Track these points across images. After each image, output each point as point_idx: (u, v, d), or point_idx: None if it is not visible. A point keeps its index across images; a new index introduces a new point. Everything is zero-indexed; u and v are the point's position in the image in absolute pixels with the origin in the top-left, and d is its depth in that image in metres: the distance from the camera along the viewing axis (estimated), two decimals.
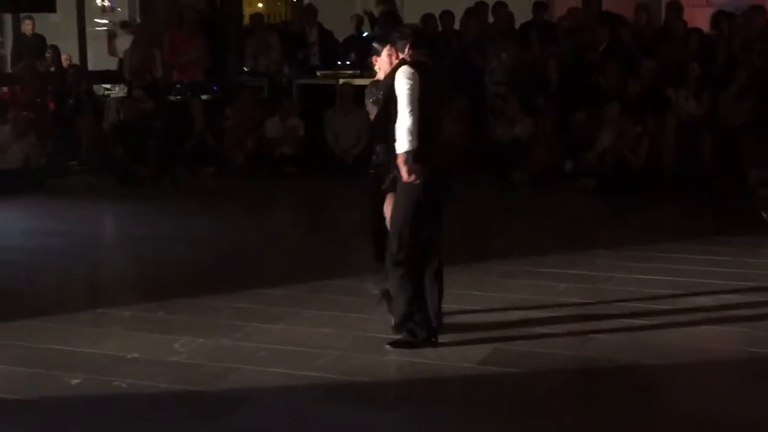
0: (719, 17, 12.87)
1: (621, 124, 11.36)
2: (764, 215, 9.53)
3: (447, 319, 6.60)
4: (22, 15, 15.40)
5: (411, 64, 5.99)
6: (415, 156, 5.90)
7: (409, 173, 5.90)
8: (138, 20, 16.09)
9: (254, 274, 8.24)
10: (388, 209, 6.29)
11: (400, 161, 5.91)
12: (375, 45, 6.78)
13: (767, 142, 10.86)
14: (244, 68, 14.77)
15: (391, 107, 5.99)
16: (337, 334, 6.56)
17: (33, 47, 15.01)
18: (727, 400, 5.46)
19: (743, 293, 7.34)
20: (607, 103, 11.63)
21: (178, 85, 14.19)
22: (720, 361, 6.19)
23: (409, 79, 5.91)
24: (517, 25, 14.07)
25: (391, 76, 6.06)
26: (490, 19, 14.21)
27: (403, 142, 5.88)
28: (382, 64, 6.48)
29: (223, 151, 13.33)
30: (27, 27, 15.37)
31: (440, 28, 13.83)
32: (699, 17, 13.98)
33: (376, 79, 6.87)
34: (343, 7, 16.10)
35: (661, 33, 13.23)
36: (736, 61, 12.17)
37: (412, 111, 5.88)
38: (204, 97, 13.95)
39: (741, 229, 9.37)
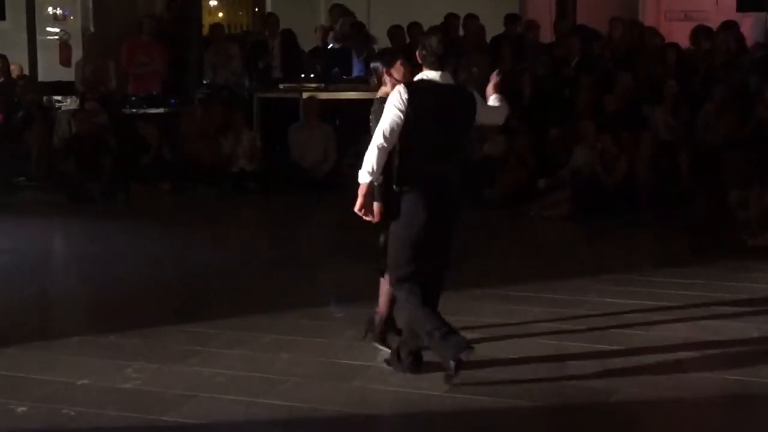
0: (698, 32, 12.99)
1: (599, 142, 11.42)
2: (744, 238, 9.61)
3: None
4: None
5: (409, 86, 5.78)
6: (375, 190, 5.81)
7: (360, 208, 5.84)
8: (92, 29, 16.01)
9: (212, 296, 8.22)
10: None
11: (360, 191, 5.83)
12: (375, 64, 6.77)
13: (747, 162, 10.93)
14: (203, 81, 14.74)
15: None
16: (299, 360, 6.51)
17: None
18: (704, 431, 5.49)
19: (721, 319, 7.38)
20: (581, 119, 11.70)
21: (134, 98, 14.14)
22: (697, 389, 6.21)
23: (395, 105, 5.70)
24: (488, 39, 14.17)
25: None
26: (461, 32, 14.29)
27: (362, 173, 5.78)
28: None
29: (179, 167, 13.27)
30: None
31: (408, 41, 13.86)
32: (676, 32, 14.09)
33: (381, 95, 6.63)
34: (308, 18, 16.09)
35: (637, 47, 13.34)
36: (716, 77, 12.29)
37: (381, 141, 5.71)
38: (161, 110, 13.90)
39: (719, 253, 9.43)
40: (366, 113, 7.85)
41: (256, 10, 21.37)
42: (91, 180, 12.63)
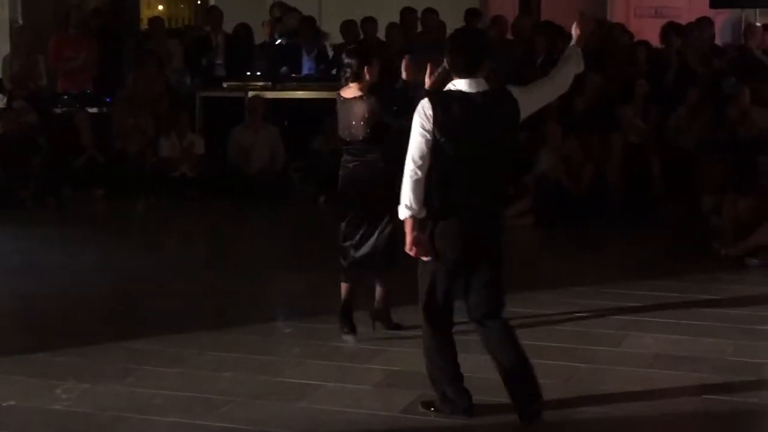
0: (669, 29, 13.09)
1: (564, 148, 11.47)
2: (716, 246, 9.69)
3: (372, 364, 6.62)
4: None
5: (432, 99, 5.38)
6: (420, 224, 5.34)
7: (411, 246, 5.39)
8: (20, 21, 15.90)
9: (149, 310, 8.15)
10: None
11: (405, 229, 5.40)
12: (351, 60, 7.15)
13: (721, 167, 11.02)
14: None
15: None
16: (243, 378, 6.49)
17: None
18: None
19: (692, 334, 7.43)
20: (548, 121, 11.72)
21: (65, 96, 14.02)
22: (667, 408, 6.24)
23: (420, 124, 5.30)
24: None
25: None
26: (419, 28, 14.31)
27: (401, 208, 5.34)
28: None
29: (114, 171, 13.17)
30: None
31: (362, 36, 13.85)
32: (647, 29, 14.21)
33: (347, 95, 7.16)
34: (253, 12, 16.03)
35: (606, 46, 13.41)
36: (688, 77, 12.39)
37: (412, 168, 5.28)
38: (94, 109, 13.80)
39: (692, 262, 9.50)
40: (317, 113, 7.91)
41: (198, 3, 21.34)
42: (20, 184, 12.53)
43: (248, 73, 14.10)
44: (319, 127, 12.56)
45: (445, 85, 5.64)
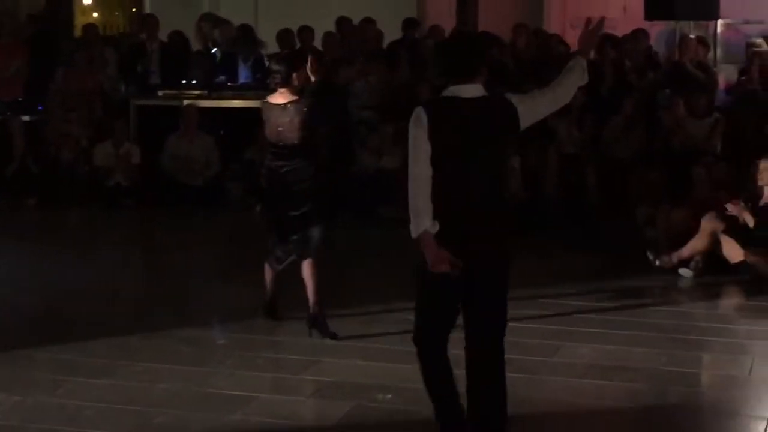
0: (605, 41, 13.20)
1: None
2: (650, 257, 9.78)
3: (306, 374, 6.61)
4: None
5: (428, 105, 5.10)
6: (434, 237, 4.93)
7: (434, 263, 4.95)
8: None
9: (80, 321, 8.06)
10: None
11: (424, 246, 4.98)
12: (279, 67, 7.45)
13: (656, 177, 11.13)
14: None
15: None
16: (176, 390, 6.46)
17: None
18: None
19: (626, 344, 7.49)
20: None
21: None
22: (598, 417, 6.30)
23: (416, 132, 4.98)
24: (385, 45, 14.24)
25: None
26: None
27: (411, 226, 4.98)
28: None
29: (47, 179, 13.07)
30: None
31: (299, 45, 13.84)
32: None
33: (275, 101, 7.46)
34: (189, 20, 15.95)
35: (542, 56, 13.51)
36: (624, 88, 12.51)
37: (414, 181, 4.96)
38: (26, 117, 13.68)
39: (627, 273, 9.59)
40: (253, 122, 8.01)
41: (134, 10, 21.19)
42: None
43: (184, 82, 14.04)
44: (255, 137, 12.53)
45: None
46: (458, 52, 5.11)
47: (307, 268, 7.50)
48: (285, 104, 7.39)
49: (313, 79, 7.66)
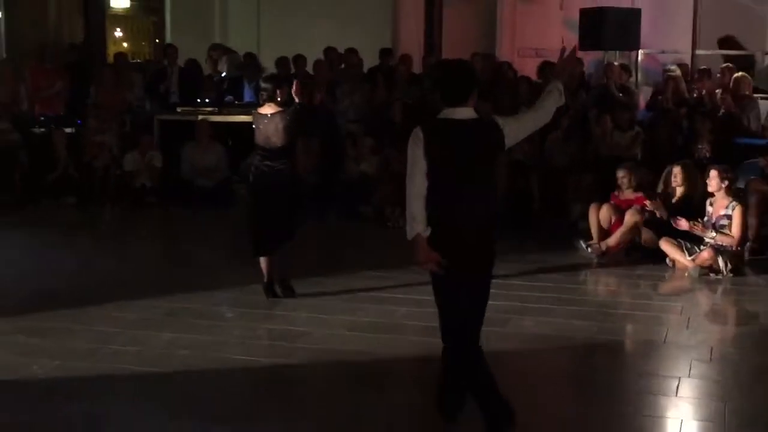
0: (545, 67, 13.23)
1: None
2: (583, 246, 9.82)
3: (299, 343, 6.60)
4: None
5: (425, 126, 4.96)
6: (427, 240, 4.81)
7: (423, 262, 4.87)
8: (4, 55, 15.67)
9: (113, 298, 8.02)
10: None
11: (416, 247, 4.87)
12: (267, 85, 7.90)
13: (588, 181, 11.17)
14: None
15: None
16: (194, 354, 6.46)
17: None
18: (554, 407, 5.56)
19: (565, 317, 7.52)
20: None
21: (43, 119, 13.84)
22: (544, 377, 6.31)
23: (413, 148, 4.88)
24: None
25: None
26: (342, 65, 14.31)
27: (408, 227, 4.88)
28: None
29: (84, 182, 13.03)
30: None
31: (293, 71, 13.82)
32: (528, 66, 14.36)
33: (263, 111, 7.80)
34: (202, 48, 15.91)
35: (495, 79, 13.52)
36: (561, 107, 12.48)
37: (409, 188, 4.87)
38: (67, 130, 13.63)
39: (564, 259, 9.63)
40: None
41: (157, 41, 21.14)
42: (4, 193, 12.33)
43: (198, 100, 14.00)
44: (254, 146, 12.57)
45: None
46: (452, 80, 4.98)
47: (283, 249, 7.88)
48: (271, 114, 7.72)
49: (297, 99, 7.81)
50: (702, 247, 9.09)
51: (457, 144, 4.80)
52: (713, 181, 9.21)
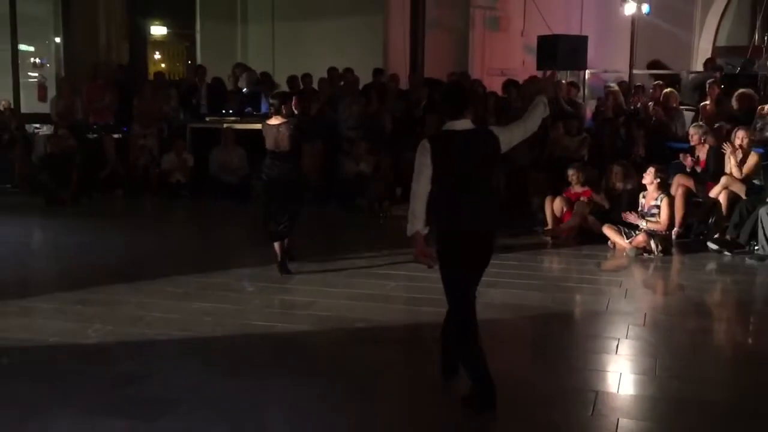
0: (509, 84, 13.26)
1: None
2: (540, 231, 9.85)
3: (309, 310, 6.61)
4: None
5: (431, 137, 4.78)
6: (437, 239, 4.65)
7: (418, 255, 4.74)
8: (63, 74, 15.64)
9: (155, 274, 8.01)
10: None
11: (414, 242, 4.71)
12: (274, 101, 8.02)
13: (544, 178, 11.18)
14: None
15: None
16: (219, 322, 6.45)
17: None
18: (518, 363, 5.60)
19: (525, 289, 7.54)
20: None
21: (95, 126, 13.80)
22: (509, 341, 6.33)
23: (420, 155, 4.68)
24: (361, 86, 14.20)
25: None
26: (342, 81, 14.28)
27: (409, 225, 4.69)
28: None
29: (129, 178, 13.01)
30: None
31: (301, 86, 13.81)
32: (495, 83, 14.37)
33: (270, 122, 7.86)
34: (227, 68, 15.87)
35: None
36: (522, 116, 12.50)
37: (413, 189, 4.65)
38: (115, 135, 13.61)
39: (525, 243, 9.64)
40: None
41: (189, 62, 21.06)
42: (62, 188, 12.30)
43: (223, 111, 13.96)
44: None
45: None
46: (452, 98, 4.85)
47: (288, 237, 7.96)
48: (278, 125, 7.81)
49: (296, 112, 8.11)
50: (637, 231, 9.14)
51: (458, 151, 4.68)
52: (648, 176, 9.25)
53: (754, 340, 6.47)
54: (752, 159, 9.63)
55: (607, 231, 9.36)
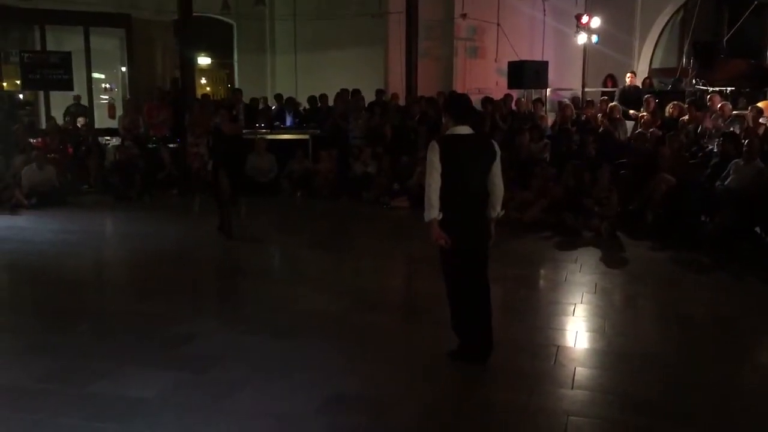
0: (485, 101, 13.21)
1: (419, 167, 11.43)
2: (516, 217, 9.77)
3: (324, 281, 6.55)
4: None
5: (439, 138, 4.63)
6: (439, 223, 4.53)
7: (436, 239, 4.59)
8: (128, 96, 15.62)
9: (201, 255, 8.00)
10: None
11: (431, 228, 4.58)
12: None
13: (513, 175, 11.06)
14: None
15: None
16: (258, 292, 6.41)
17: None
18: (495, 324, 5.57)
19: (502, 264, 7.49)
20: (419, 152, 11.73)
21: (154, 138, 13.78)
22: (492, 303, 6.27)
23: (430, 154, 4.56)
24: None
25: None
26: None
27: (426, 213, 4.57)
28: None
29: (183, 180, 12.97)
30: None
31: (319, 105, 13.76)
32: (475, 101, 14.24)
33: None
34: (260, 90, 15.80)
35: None
36: (497, 128, 12.47)
37: (427, 182, 4.53)
38: (171, 145, 13.57)
39: (499, 229, 9.56)
40: (294, 147, 7.96)
41: (229, 86, 21.01)
42: (129, 188, 12.28)
43: (256, 125, 13.91)
44: (294, 154, 12.61)
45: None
46: (456, 107, 4.72)
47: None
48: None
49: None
50: (591, 219, 9.09)
51: (461, 151, 4.58)
52: (605, 173, 9.26)
53: (682, 303, 6.44)
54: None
55: (567, 218, 9.32)
